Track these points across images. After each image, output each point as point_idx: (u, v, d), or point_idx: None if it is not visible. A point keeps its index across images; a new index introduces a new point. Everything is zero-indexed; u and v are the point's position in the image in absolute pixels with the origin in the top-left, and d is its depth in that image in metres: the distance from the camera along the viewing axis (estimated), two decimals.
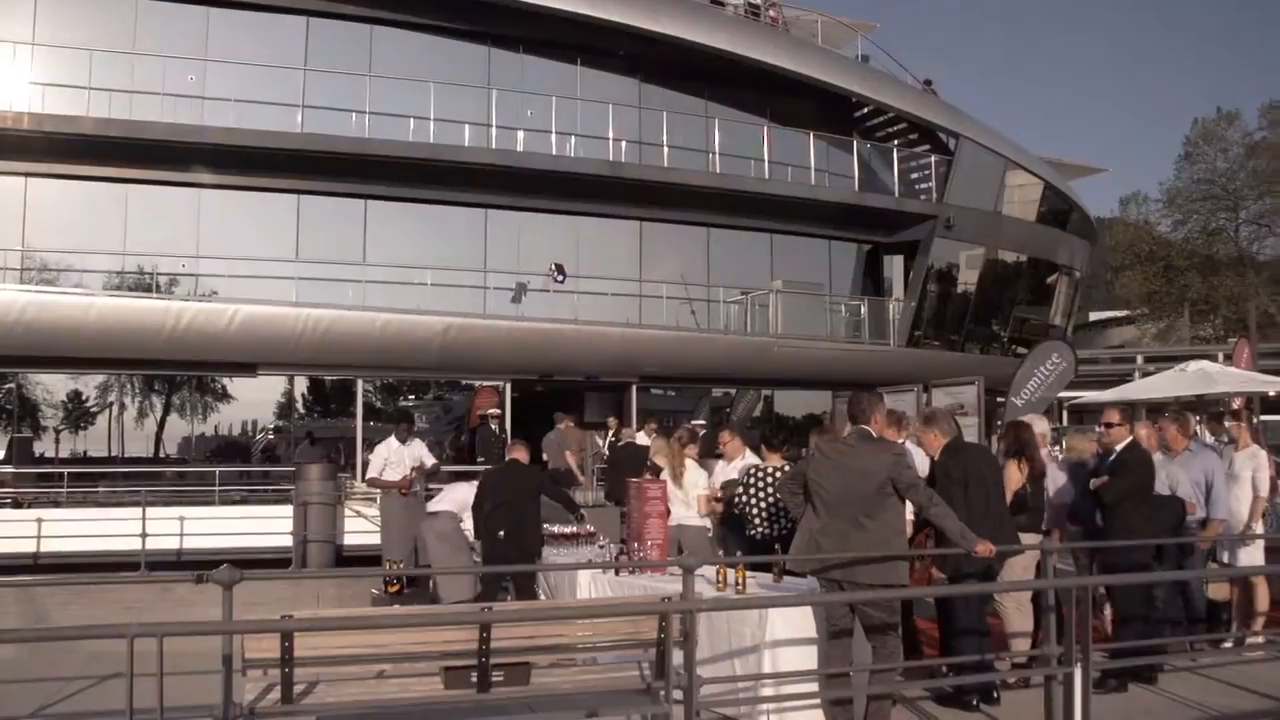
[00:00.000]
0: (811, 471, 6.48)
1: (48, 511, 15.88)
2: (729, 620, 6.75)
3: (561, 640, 5.89)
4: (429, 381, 21.08)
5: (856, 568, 6.23)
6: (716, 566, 7.49)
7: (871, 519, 6.21)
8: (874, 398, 6.85)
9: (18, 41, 17.58)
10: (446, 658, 5.55)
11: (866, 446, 6.40)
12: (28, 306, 16.49)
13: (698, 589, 6.47)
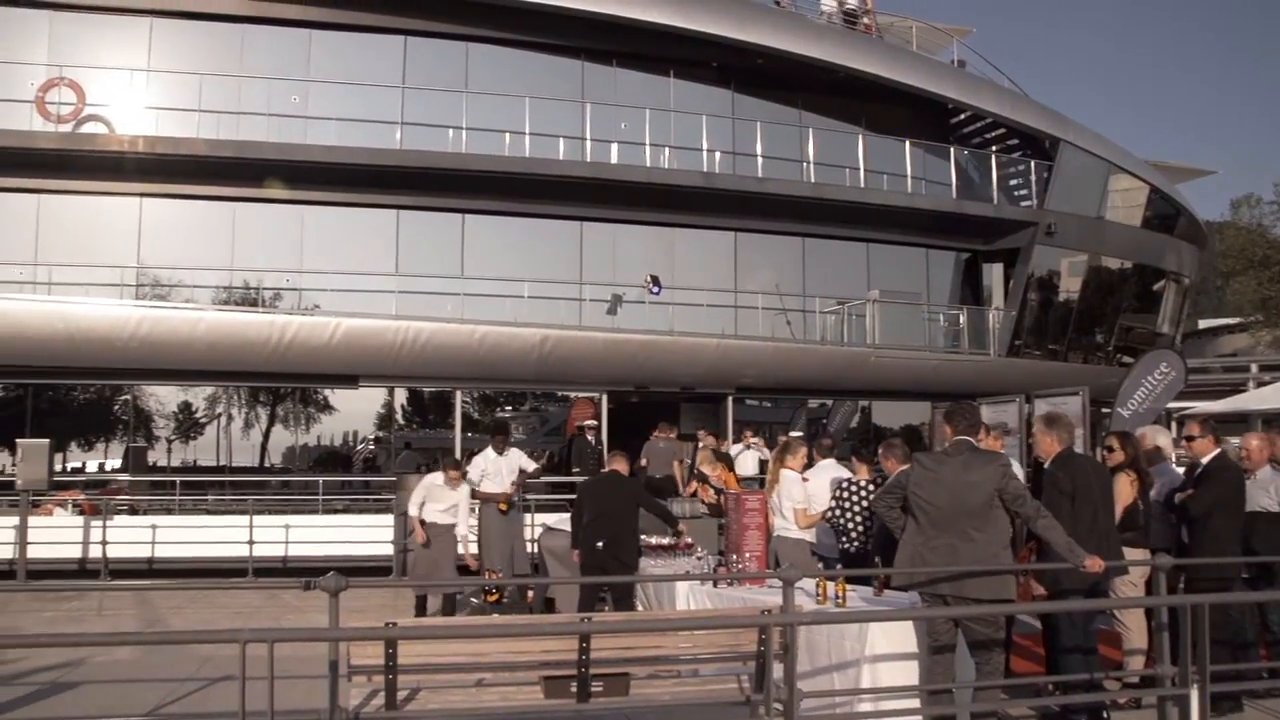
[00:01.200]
0: (913, 485, 6.37)
1: (161, 518, 16.40)
2: (829, 634, 6.65)
3: (661, 651, 5.89)
4: (525, 393, 21.25)
5: (964, 582, 6.10)
6: (816, 579, 7.40)
7: (979, 532, 6.09)
8: (975, 408, 6.72)
9: (134, 69, 18.37)
10: (546, 667, 5.58)
11: (972, 458, 6.26)
12: (142, 321, 17.14)
13: (797, 602, 6.39)
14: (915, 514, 6.30)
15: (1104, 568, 6.25)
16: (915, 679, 6.29)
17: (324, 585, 5.58)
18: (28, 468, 15.00)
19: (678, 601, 8.65)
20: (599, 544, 9.53)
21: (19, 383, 18.67)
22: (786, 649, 5.53)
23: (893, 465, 8.43)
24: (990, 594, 6.04)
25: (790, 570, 6.69)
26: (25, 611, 12.06)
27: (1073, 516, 6.56)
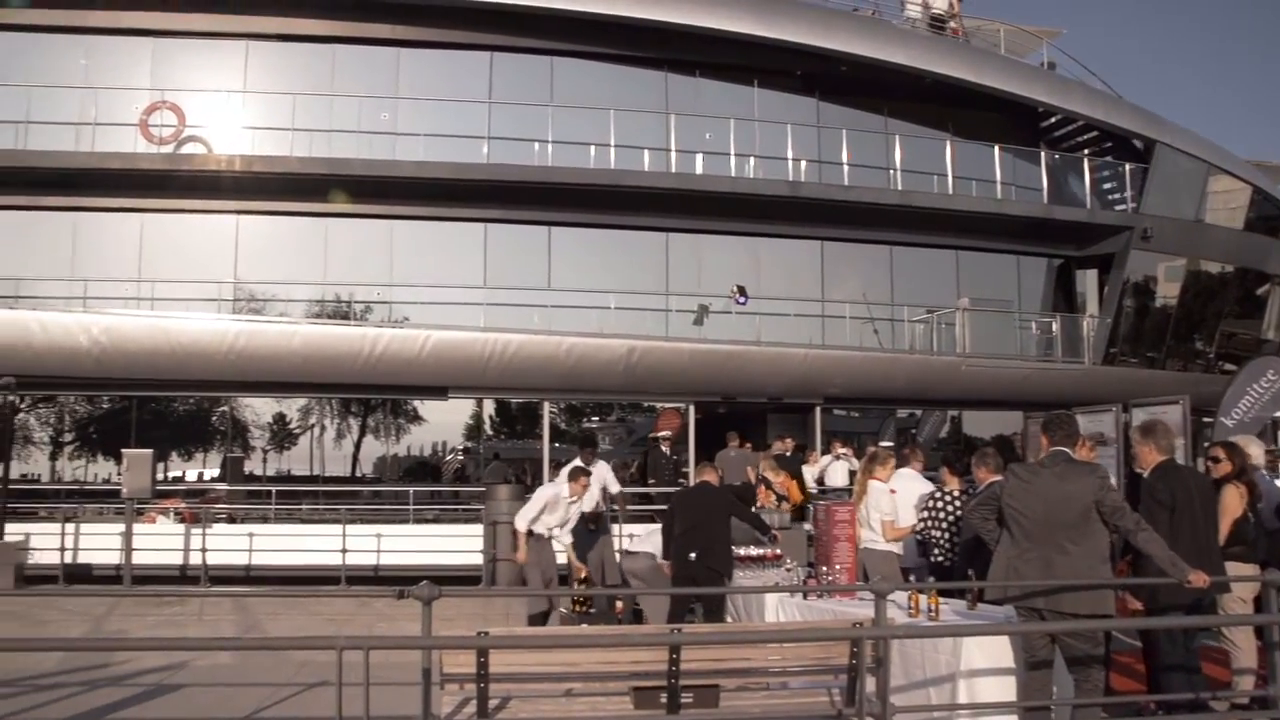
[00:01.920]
0: (1006, 496, 6.23)
1: (257, 527, 16.79)
2: (922, 648, 6.54)
3: (750, 664, 5.85)
4: (612, 403, 21.32)
5: (1060, 596, 5.94)
6: (908, 592, 7.29)
7: (1075, 545, 5.92)
8: (1073, 419, 6.56)
9: (231, 90, 18.99)
10: (636, 678, 5.58)
11: (1068, 469, 6.11)
12: (240, 335, 17.65)
13: (889, 615, 6.30)
14: (1009, 526, 6.18)
15: (1209, 583, 6.04)
16: (1012, 695, 6.14)
17: (417, 594, 5.65)
18: (133, 477, 15.52)
19: (767, 613, 8.58)
20: (691, 555, 9.53)
21: (125, 395, 19.33)
22: (880, 663, 5.46)
23: (985, 475, 8.32)
24: (1088, 609, 5.88)
25: (882, 582, 6.60)
26: (131, 615, 12.42)
27: (1171, 529, 6.37)
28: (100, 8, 18.66)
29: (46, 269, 18.45)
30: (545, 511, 11.20)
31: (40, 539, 15.74)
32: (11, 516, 15.92)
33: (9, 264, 18.61)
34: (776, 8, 20.02)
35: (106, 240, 18.73)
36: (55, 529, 15.85)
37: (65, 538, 15.61)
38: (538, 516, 11.15)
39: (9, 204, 18.48)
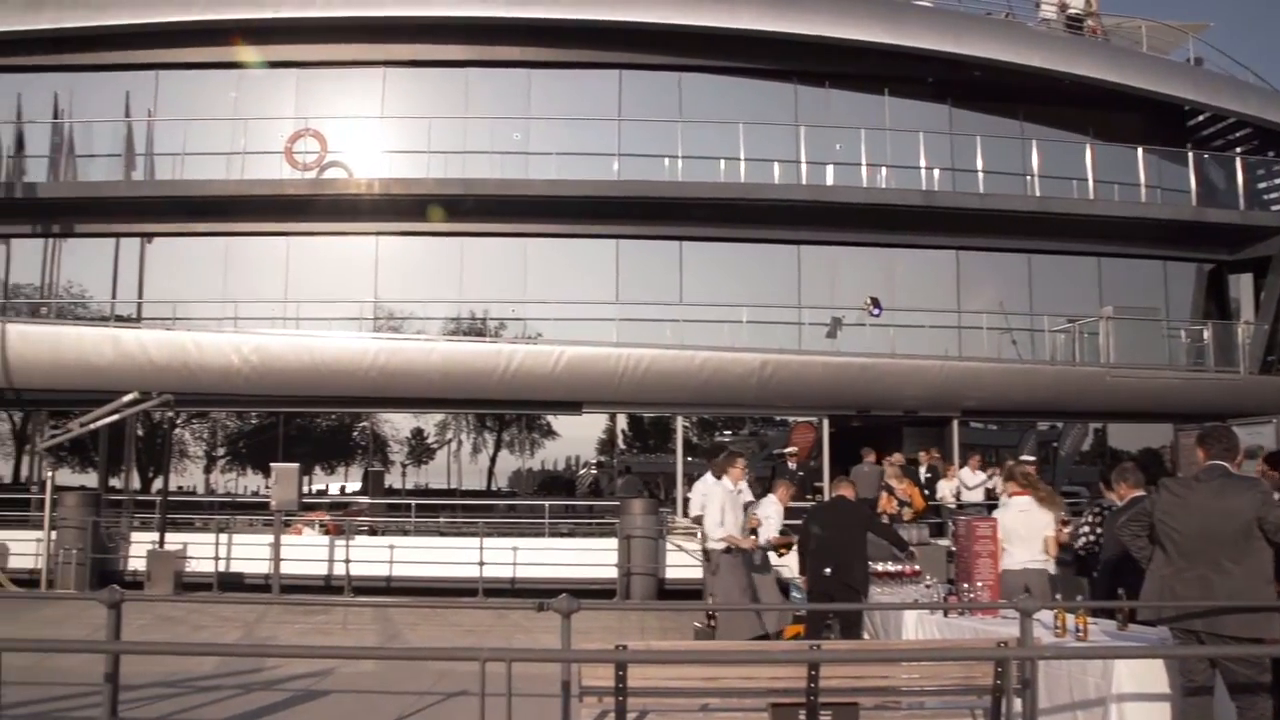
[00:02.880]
0: (1159, 511, 5.96)
1: (398, 539, 17.18)
2: (1069, 670, 6.31)
3: (890, 682, 5.76)
4: (744, 417, 21.20)
5: (1221, 618, 5.63)
6: (1054, 611, 7.05)
7: (1236, 564, 5.61)
8: (1232, 432, 6.24)
9: (370, 116, 19.62)
10: (774, 694, 5.52)
11: (1227, 484, 5.80)
12: (379, 352, 18.16)
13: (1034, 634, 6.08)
14: (1163, 543, 5.91)
15: None
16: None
17: (557, 607, 5.71)
18: (280, 490, 16.12)
19: (906, 631, 8.43)
20: (826, 570, 9.41)
21: (273, 411, 20.07)
22: (1026, 684, 5.30)
23: (1126, 490, 8.01)
24: (1251, 632, 5.53)
25: (1028, 600, 6.39)
26: (279, 623, 12.88)
27: None
28: (248, 43, 19.51)
29: (201, 291, 19.39)
30: (726, 511, 10.94)
31: (196, 548, 16.49)
32: (171, 526, 16.68)
33: (167, 287, 19.62)
34: (907, 15, 19.73)
35: (255, 263, 19.58)
36: (210, 539, 16.55)
37: (219, 547, 16.31)
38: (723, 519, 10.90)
39: (167, 230, 19.55)
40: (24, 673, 6.81)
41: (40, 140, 20.06)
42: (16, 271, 20.52)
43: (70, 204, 19.58)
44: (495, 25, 19.13)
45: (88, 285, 20.49)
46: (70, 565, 16.22)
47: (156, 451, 21.06)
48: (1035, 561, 8.91)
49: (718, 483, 11.04)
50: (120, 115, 19.93)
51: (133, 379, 17.49)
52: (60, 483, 17.09)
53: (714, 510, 10.81)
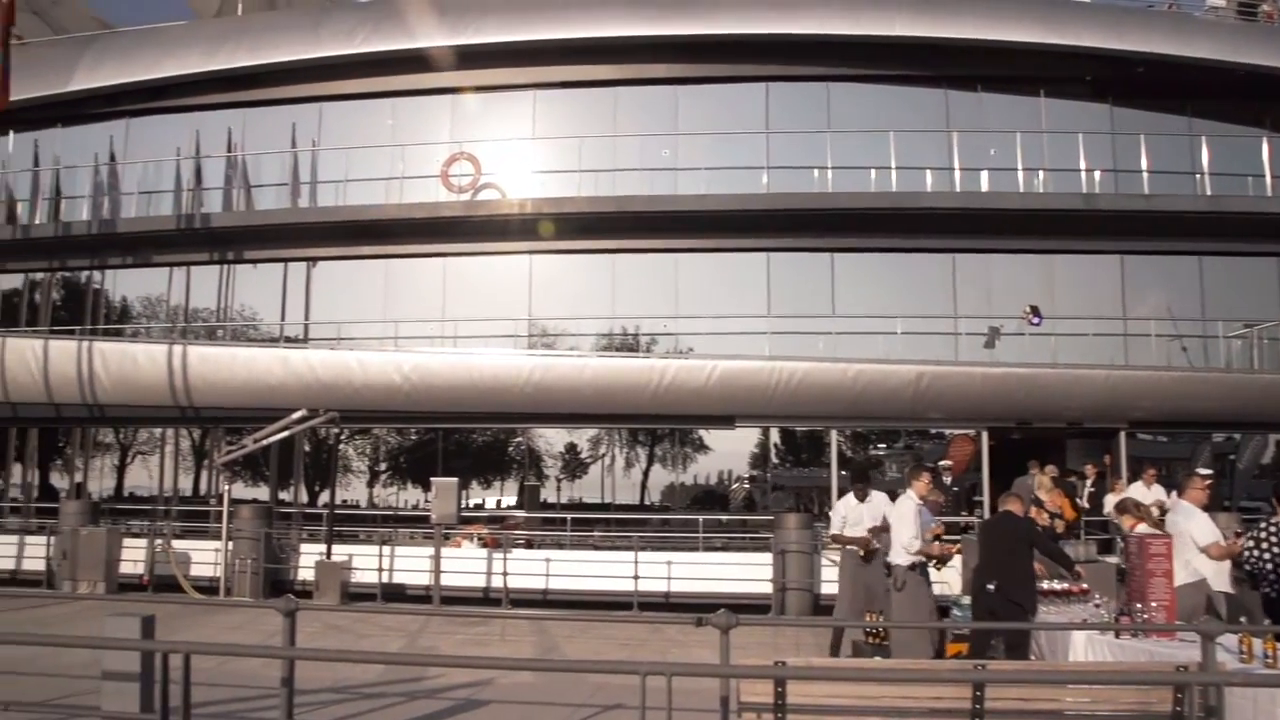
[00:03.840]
0: None
1: (554, 553, 17.45)
2: (1256, 698, 5.88)
3: (1058, 705, 5.57)
4: (899, 430, 20.80)
5: None
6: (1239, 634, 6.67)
7: None
8: None
9: (521, 138, 20.05)
10: (937, 715, 5.40)
11: None
12: (535, 369, 18.51)
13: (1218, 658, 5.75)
14: None
15: None
16: None
17: (715, 622, 5.69)
18: (440, 504, 16.55)
19: (1074, 652, 8.11)
20: (989, 586, 9.17)
21: (432, 427, 20.64)
22: (1210, 712, 5.02)
23: None
24: None
25: (1211, 622, 6.06)
26: (440, 633, 13.16)
27: None
28: (405, 73, 20.22)
29: (363, 312, 20.12)
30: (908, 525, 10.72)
31: (361, 559, 17.06)
32: (336, 538, 17.31)
33: (331, 308, 20.45)
34: (1064, 13, 19.09)
35: (414, 283, 20.19)
36: (373, 551, 17.14)
37: (382, 559, 16.85)
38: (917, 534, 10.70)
39: (331, 254, 20.36)
40: (207, 675, 7.17)
41: (216, 173, 21.26)
42: (195, 297, 21.72)
43: (242, 232, 20.66)
44: (643, 44, 19.36)
45: (259, 308, 21.54)
46: (245, 574, 17.03)
47: (323, 466, 21.93)
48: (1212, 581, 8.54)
49: (907, 496, 10.87)
50: (287, 146, 20.95)
51: (301, 397, 18.27)
52: (235, 496, 17.92)
53: (910, 525, 10.53)
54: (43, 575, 18.24)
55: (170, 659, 6.60)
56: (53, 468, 24.46)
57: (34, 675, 9.24)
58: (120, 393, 19.99)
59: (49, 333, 21.49)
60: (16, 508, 22.76)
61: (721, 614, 5.74)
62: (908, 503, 10.67)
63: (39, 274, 22.75)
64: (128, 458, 23.94)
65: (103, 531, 17.42)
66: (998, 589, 9.14)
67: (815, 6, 19.21)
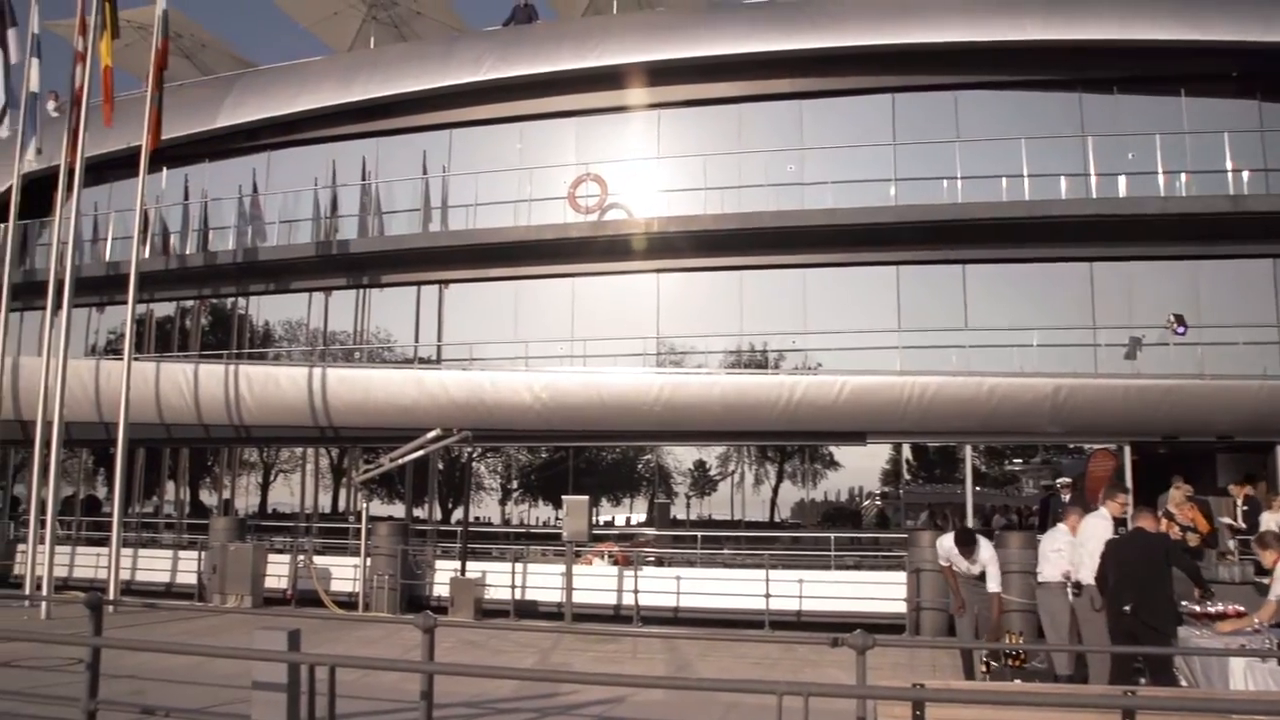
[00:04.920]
0: None
1: (684, 570, 17.48)
2: None
3: None
4: (1037, 445, 20.19)
5: None
6: None
7: None
8: None
9: (646, 158, 20.23)
10: None
11: None
12: (664, 387, 18.60)
13: None
14: None
15: None
16: None
17: (851, 642, 5.63)
18: (572, 521, 16.79)
19: (1233, 680, 7.75)
20: (1125, 607, 8.86)
21: (562, 445, 20.91)
22: None
23: None
24: None
25: None
26: (572, 650, 13.31)
27: None
28: (531, 97, 20.61)
29: (494, 333, 20.50)
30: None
31: (494, 576, 17.38)
32: (470, 555, 17.67)
33: (463, 330, 20.92)
34: (1206, 7, 18.26)
35: (543, 304, 20.46)
36: (506, 568, 17.46)
37: (514, 575, 17.13)
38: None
39: (462, 277, 20.84)
40: (347, 687, 7.47)
41: (351, 201, 22.00)
42: (333, 320, 22.48)
43: (377, 257, 21.26)
44: (767, 60, 19.33)
45: (393, 331, 22.15)
46: (383, 590, 17.52)
47: (456, 484, 22.41)
48: None
49: (1100, 515, 10.61)
50: (419, 173, 21.57)
51: (434, 417, 18.75)
52: (372, 513, 18.46)
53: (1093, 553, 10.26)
54: (194, 588, 19.11)
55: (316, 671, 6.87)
56: (202, 485, 25.59)
57: (188, 684, 9.74)
58: (264, 413, 20.83)
59: (198, 357, 22.52)
60: (170, 523, 23.87)
61: (858, 634, 5.69)
62: (1102, 522, 10.42)
63: (189, 301, 23.89)
64: (271, 476, 24.89)
65: (249, 547, 18.13)
66: (1134, 611, 8.84)
67: (941, 15, 18.90)
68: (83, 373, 21.10)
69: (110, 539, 17.39)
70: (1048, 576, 11.20)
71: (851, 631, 5.88)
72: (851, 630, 5.90)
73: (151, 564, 20.39)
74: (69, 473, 24.93)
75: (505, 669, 10.77)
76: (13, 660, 10.35)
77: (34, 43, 19.33)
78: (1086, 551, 10.33)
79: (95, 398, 21.13)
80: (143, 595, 19.05)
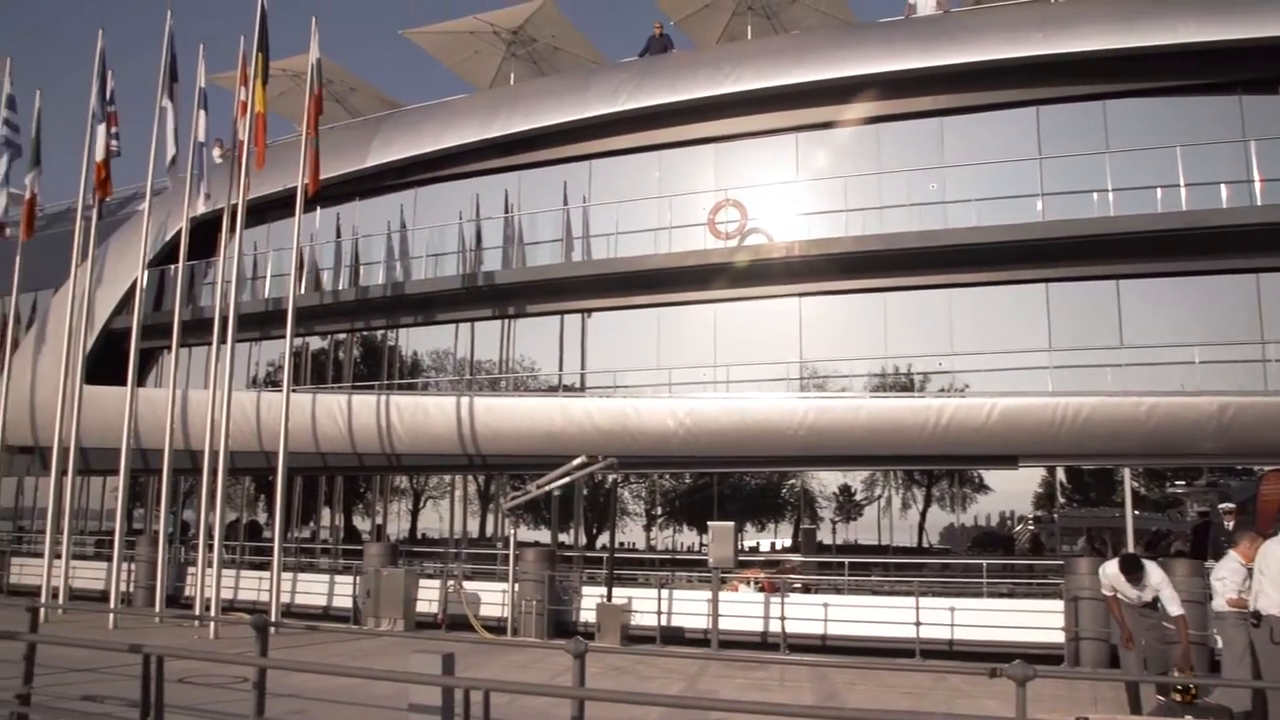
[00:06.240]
0: None
1: (831, 597, 17.22)
2: None
3: None
4: (1200, 467, 19.28)
5: None
6: None
7: None
8: None
9: (785, 181, 20.18)
10: None
11: None
12: (808, 411, 18.45)
13: None
14: None
15: None
16: None
17: (1011, 673, 5.47)
18: (717, 547, 16.77)
19: None
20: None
21: (706, 471, 20.94)
22: None
23: None
24: None
25: None
26: (719, 677, 13.18)
27: None
28: (669, 125, 20.84)
29: (637, 360, 20.71)
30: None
31: (640, 602, 17.45)
32: (616, 581, 17.79)
33: (606, 357, 21.20)
34: None
35: (685, 330, 20.60)
36: (652, 594, 17.50)
37: (660, 602, 17.17)
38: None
39: (604, 305, 21.13)
40: (498, 710, 7.53)
41: (494, 233, 22.58)
42: (479, 350, 23.04)
43: (520, 287, 21.76)
44: (906, 78, 19.09)
45: (537, 359, 22.59)
46: (531, 615, 17.77)
47: (600, 509, 22.66)
48: None
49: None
50: (560, 204, 22.04)
51: (579, 444, 19.01)
52: (518, 538, 18.76)
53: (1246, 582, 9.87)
54: (349, 611, 19.73)
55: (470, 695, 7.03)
56: (355, 511, 26.48)
57: (347, 704, 10.07)
58: (414, 442, 21.46)
59: (351, 388, 23.38)
60: (326, 548, 24.75)
61: (1018, 664, 5.54)
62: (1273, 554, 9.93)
63: (341, 334, 24.83)
64: (420, 502, 25.59)
65: (401, 572, 18.65)
66: None
67: (1086, 22, 18.32)
68: (245, 404, 22.09)
69: (271, 563, 18.13)
70: (1221, 606, 10.68)
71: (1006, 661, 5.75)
72: (1006, 660, 5.76)
73: (309, 587, 21.10)
74: (233, 499, 26.10)
75: (654, 695, 10.81)
76: (185, 677, 10.87)
77: (201, 95, 20.45)
78: (1268, 580, 9.81)
79: (256, 428, 22.09)
80: (301, 617, 19.81)
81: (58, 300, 24.73)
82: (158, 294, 24.99)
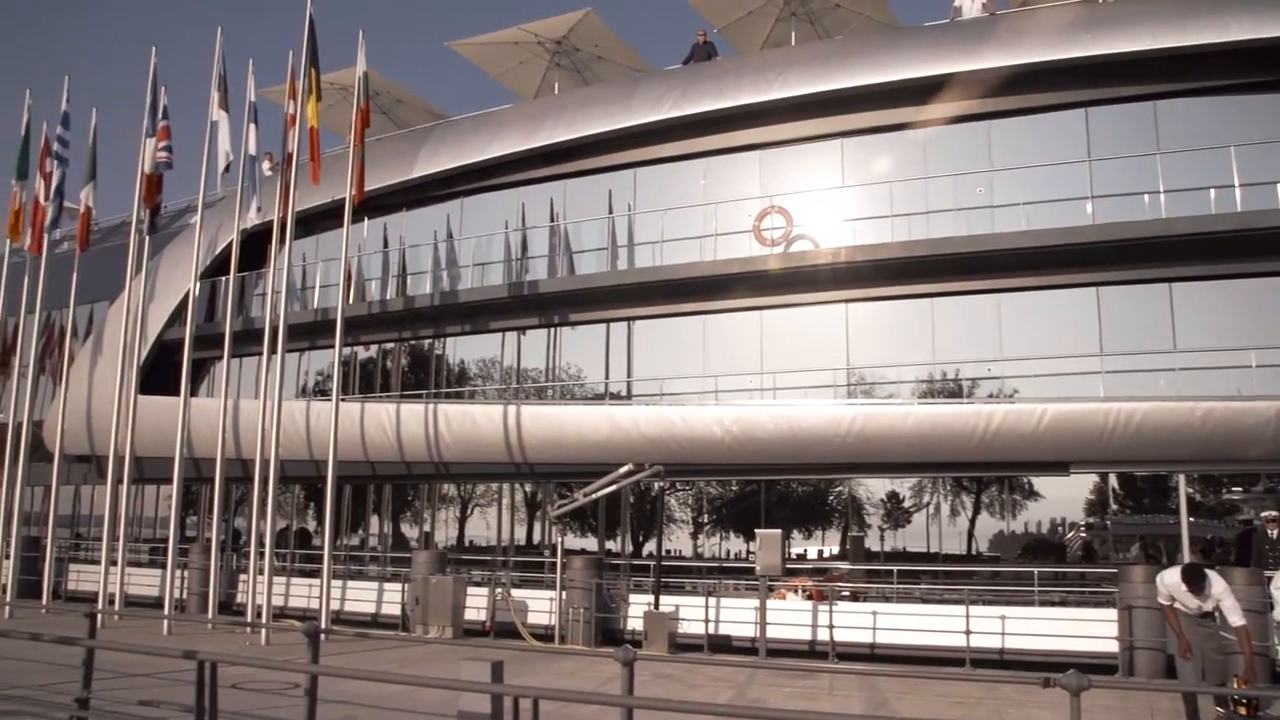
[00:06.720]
0: None
1: (880, 605, 17.09)
2: None
3: None
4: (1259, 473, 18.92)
5: None
6: None
7: None
8: None
9: (831, 187, 20.11)
10: None
11: None
12: (855, 418, 18.35)
13: None
14: None
15: None
16: None
17: (1064, 683, 5.42)
18: (765, 555, 16.70)
19: None
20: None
21: (753, 479, 20.87)
22: None
23: None
24: None
25: None
26: (767, 686, 13.20)
27: None
28: (714, 132, 20.84)
29: (683, 367, 20.71)
30: None
31: (687, 610, 17.42)
32: (663, 589, 17.78)
33: (652, 365, 21.23)
34: None
35: (731, 338, 20.55)
36: (699, 602, 17.49)
37: (708, 610, 17.13)
38: None
39: (650, 313, 21.15)
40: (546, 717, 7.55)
41: (540, 242, 22.69)
42: (525, 359, 23.18)
43: (567, 296, 21.85)
44: (952, 81, 18.92)
45: (584, 367, 22.64)
46: (578, 623, 17.80)
47: (647, 517, 22.66)
48: None
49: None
50: (605, 212, 22.11)
51: (626, 452, 19.04)
52: (565, 546, 18.82)
53: None
54: (398, 619, 19.88)
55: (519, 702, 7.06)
56: (403, 519, 26.68)
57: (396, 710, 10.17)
58: (461, 450, 21.61)
59: (399, 397, 23.58)
60: (375, 556, 24.96)
61: (1072, 674, 5.48)
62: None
63: (389, 344, 25.07)
64: (468, 510, 25.73)
65: (449, 580, 18.74)
66: None
67: (1136, 22, 18.05)
68: (295, 413, 22.37)
69: (321, 570, 18.31)
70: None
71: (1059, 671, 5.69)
72: (1058, 670, 5.70)
73: (358, 594, 21.26)
74: (283, 507, 26.42)
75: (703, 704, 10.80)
76: (238, 683, 11.01)
77: (250, 110, 20.76)
78: None
79: (306, 437, 22.35)
80: (350, 624, 19.99)
81: (113, 312, 25.19)
82: (209, 305, 25.40)
